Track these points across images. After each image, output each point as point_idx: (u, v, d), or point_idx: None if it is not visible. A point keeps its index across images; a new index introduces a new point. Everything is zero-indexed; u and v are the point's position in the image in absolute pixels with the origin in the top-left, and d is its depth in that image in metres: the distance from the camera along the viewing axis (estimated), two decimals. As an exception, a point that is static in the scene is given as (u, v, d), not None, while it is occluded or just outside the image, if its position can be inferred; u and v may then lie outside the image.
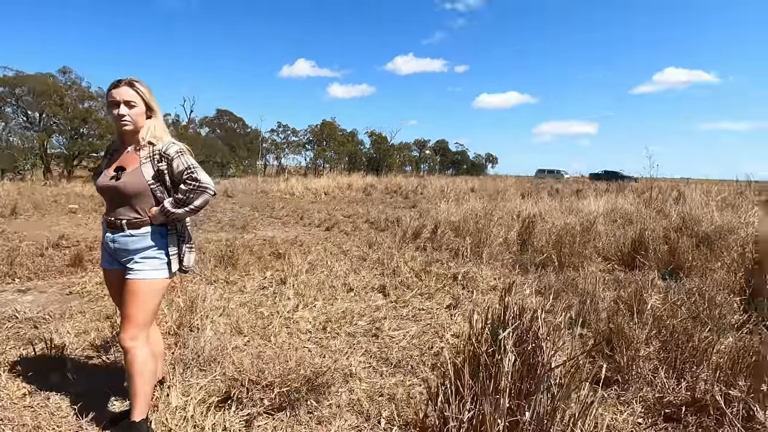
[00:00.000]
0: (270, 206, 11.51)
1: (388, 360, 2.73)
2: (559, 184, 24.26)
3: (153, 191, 1.83)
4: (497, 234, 6.09)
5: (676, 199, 12.77)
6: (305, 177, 22.93)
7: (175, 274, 1.92)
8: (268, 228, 8.09)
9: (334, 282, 4.27)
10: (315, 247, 6.14)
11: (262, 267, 4.87)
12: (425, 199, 14.93)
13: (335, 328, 3.20)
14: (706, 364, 2.38)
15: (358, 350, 2.85)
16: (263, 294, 3.99)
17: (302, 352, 2.74)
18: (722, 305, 3.39)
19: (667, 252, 5.14)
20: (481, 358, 1.28)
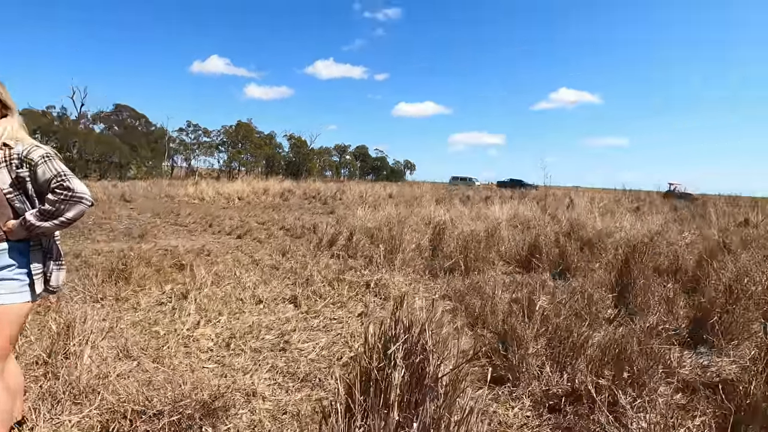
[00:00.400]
0: (175, 212, 10.64)
1: (296, 374, 2.66)
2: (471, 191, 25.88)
3: (10, 201, 1.58)
4: (411, 240, 6.29)
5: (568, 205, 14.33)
6: (218, 181, 21.62)
7: (40, 296, 1.67)
8: (172, 236, 7.46)
9: (242, 294, 4.06)
10: (224, 257, 5.79)
11: (161, 280, 4.47)
12: (344, 204, 14.93)
13: (240, 344, 3.03)
14: (583, 357, 2.67)
15: (263, 366, 2.73)
16: (160, 311, 3.66)
17: (201, 374, 2.55)
18: (598, 302, 3.86)
19: (558, 255, 5.72)
20: (372, 373, 1.30)
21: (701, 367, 2.97)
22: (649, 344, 2.51)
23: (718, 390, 2.40)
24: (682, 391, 2.53)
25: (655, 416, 2.08)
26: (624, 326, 3.50)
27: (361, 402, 1.26)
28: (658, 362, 2.58)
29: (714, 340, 3.21)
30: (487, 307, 3.44)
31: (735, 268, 5.45)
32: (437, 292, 4.48)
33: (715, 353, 3.17)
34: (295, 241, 7.30)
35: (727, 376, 2.71)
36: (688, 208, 15.89)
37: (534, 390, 2.51)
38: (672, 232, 9.09)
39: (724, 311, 3.41)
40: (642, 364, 2.40)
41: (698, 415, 2.12)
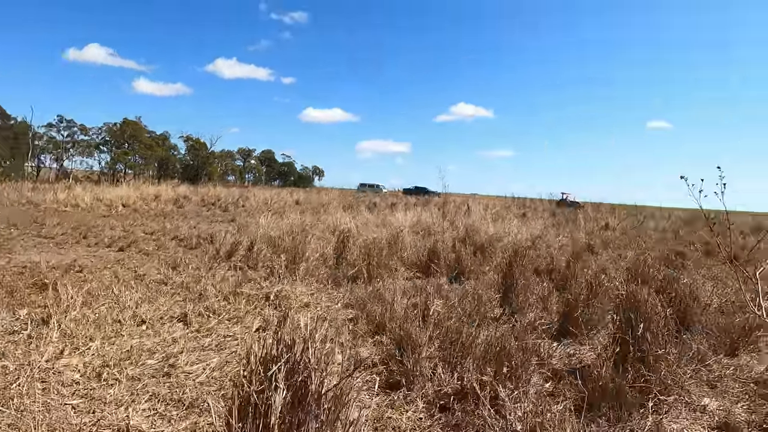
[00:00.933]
0: (39, 222, 9.13)
1: (181, 401, 2.44)
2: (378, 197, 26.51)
3: None
4: (315, 249, 6.22)
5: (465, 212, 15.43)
6: (97, 185, 19.10)
7: None
8: (33, 250, 6.38)
9: (120, 315, 3.62)
10: (100, 273, 5.12)
11: (15, 304, 3.79)
12: (246, 212, 14.23)
13: (114, 373, 2.69)
14: (471, 356, 2.88)
15: (141, 396, 2.46)
16: (11, 341, 3.09)
17: (60, 413, 2.20)
18: (486, 303, 4.20)
19: (454, 259, 6.11)
20: (251, 397, 1.25)
21: (567, 356, 3.39)
22: (525, 339, 2.80)
23: (580, 375, 2.76)
24: (551, 380, 2.86)
25: (528, 405, 2.32)
26: (507, 324, 3.86)
27: (239, 429, 1.19)
28: (533, 355, 2.89)
29: (578, 331, 3.69)
30: (386, 314, 3.53)
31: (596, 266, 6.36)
32: (340, 301, 4.48)
33: (578, 342, 3.66)
34: (189, 253, 6.74)
35: (587, 363, 3.14)
36: (563, 214, 18.14)
37: (427, 392, 2.63)
38: (550, 235, 10.33)
39: (585, 305, 3.95)
40: (519, 358, 2.66)
41: (561, 400, 2.41)
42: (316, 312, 4.14)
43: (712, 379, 3.12)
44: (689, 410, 2.69)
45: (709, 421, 2.59)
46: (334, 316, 4.00)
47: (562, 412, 2.11)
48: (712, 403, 2.78)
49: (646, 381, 2.65)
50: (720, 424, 2.54)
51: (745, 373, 3.27)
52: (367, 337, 3.49)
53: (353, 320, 3.88)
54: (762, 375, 3.21)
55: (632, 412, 2.49)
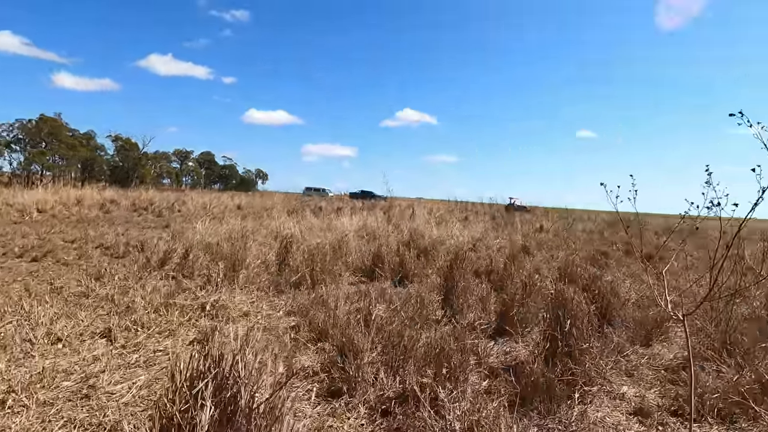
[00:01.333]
0: (-68, 230, 8.00)
1: (101, 425, 2.24)
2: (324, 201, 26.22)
3: None
4: (256, 255, 6.01)
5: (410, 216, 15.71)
6: (7, 187, 17.13)
7: None
8: (-77, 263, 5.57)
9: (30, 333, 3.26)
10: (8, 287, 4.58)
11: None
12: (183, 217, 13.46)
13: (22, 398, 2.41)
14: (412, 359, 2.92)
15: (55, 423, 2.22)
16: None
17: (-48, 448, 1.93)
18: (428, 305, 4.29)
19: (398, 263, 6.19)
20: (174, 418, 1.17)
21: (504, 354, 3.55)
22: (464, 340, 2.89)
23: (515, 372, 2.90)
24: (488, 378, 2.97)
25: (466, 404, 2.39)
26: (448, 326, 3.97)
27: None
28: (471, 355, 2.99)
29: (513, 330, 3.88)
30: (329, 321, 3.49)
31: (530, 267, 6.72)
32: (282, 308, 4.36)
33: (514, 341, 3.84)
34: (115, 262, 6.23)
35: (521, 359, 3.30)
36: (504, 218, 18.98)
37: (369, 397, 2.63)
38: (490, 238, 10.79)
39: (520, 304, 4.16)
40: (458, 359, 2.74)
41: (497, 397, 2.51)
42: (255, 321, 4.00)
43: (629, 368, 3.41)
44: (610, 398, 2.92)
45: (627, 407, 2.83)
46: (276, 324, 3.89)
47: (497, 408, 2.20)
48: (630, 391, 3.04)
49: (572, 374, 2.84)
50: (636, 409, 2.78)
51: (657, 361, 3.61)
52: (309, 345, 3.42)
53: (295, 328, 3.79)
54: (671, 362, 3.56)
55: (561, 404, 2.66)
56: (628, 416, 2.72)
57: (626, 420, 2.66)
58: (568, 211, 24.17)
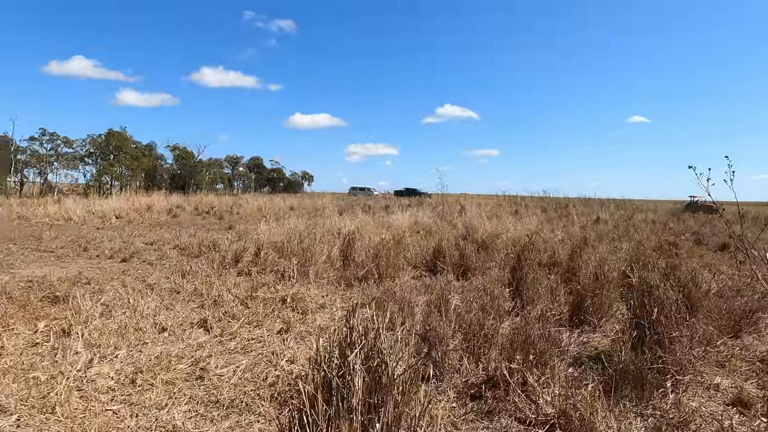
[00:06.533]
0: (35, 236, 9.00)
1: (219, 402, 2.49)
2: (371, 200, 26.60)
3: None
4: (321, 252, 6.27)
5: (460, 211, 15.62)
6: (86, 197, 18.82)
7: None
8: (34, 264, 6.31)
9: (140, 323, 3.64)
10: (109, 284, 5.10)
11: (31, 317, 3.78)
12: (242, 219, 14.18)
13: (148, 378, 2.72)
14: (495, 346, 2.98)
15: (180, 399, 2.50)
16: (36, 353, 3.10)
17: (105, 418, 2.24)
18: (498, 297, 4.31)
19: (458, 257, 6.23)
20: (333, 381, 1.32)
21: (582, 343, 3.52)
22: (547, 329, 2.91)
23: (599, 360, 2.88)
24: (573, 365, 2.97)
25: (558, 389, 2.42)
26: (520, 316, 3.98)
27: (325, 410, 1.26)
28: (554, 343, 3.00)
29: (590, 319, 3.82)
30: (405, 311, 3.62)
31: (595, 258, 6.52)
32: (354, 301, 4.55)
33: (590, 330, 3.79)
34: (193, 261, 6.73)
35: (603, 348, 3.27)
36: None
37: (456, 382, 2.72)
38: (546, 231, 10.53)
39: (593, 294, 4.09)
40: (542, 346, 2.77)
41: (589, 383, 2.52)
42: (331, 312, 4.21)
43: (720, 359, 3.28)
44: (704, 388, 2.83)
45: (723, 397, 2.73)
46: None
47: (592, 393, 2.22)
48: (724, 381, 2.93)
49: (663, 362, 2.78)
50: (734, 399, 2.68)
51: (751, 353, 3.43)
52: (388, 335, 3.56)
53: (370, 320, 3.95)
54: (767, 354, 3.37)
55: (653, 393, 2.62)
56: (725, 406, 2.63)
57: (724, 410, 2.58)
58: (625, 202, 22.98)
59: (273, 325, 3.75)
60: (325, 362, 1.38)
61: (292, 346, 3.29)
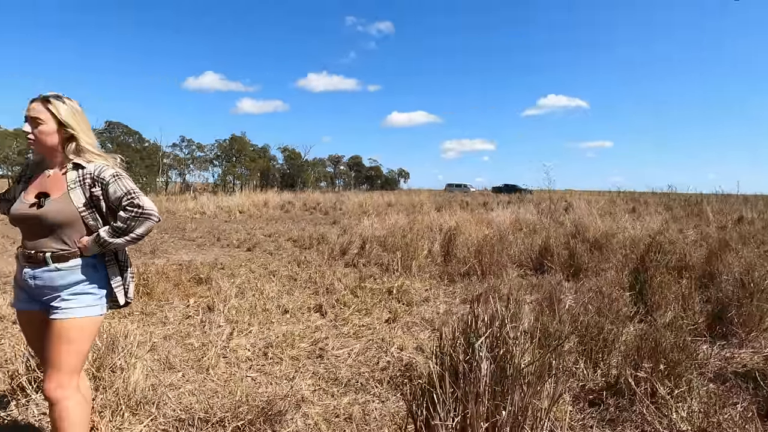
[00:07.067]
0: (180, 227, 10.64)
1: (338, 380, 2.72)
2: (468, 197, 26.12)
3: (84, 219, 1.64)
4: (422, 247, 6.38)
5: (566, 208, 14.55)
6: (215, 195, 21.59)
7: (125, 305, 1.75)
8: (182, 251, 7.48)
9: (267, 305, 4.11)
10: (238, 270, 5.83)
11: (183, 294, 4.50)
12: (345, 214, 15.00)
13: (277, 353, 3.08)
14: (616, 351, 2.77)
15: (305, 373, 2.79)
16: (189, 324, 3.70)
17: (246, 383, 2.60)
18: (617, 300, 3.96)
19: (568, 256, 5.84)
20: (459, 366, 1.38)
21: (725, 358, 3.07)
22: (681, 337, 2.61)
23: (751, 378, 2.50)
24: (714, 381, 2.62)
25: (696, 405, 2.17)
26: (645, 322, 3.61)
27: (453, 392, 1.33)
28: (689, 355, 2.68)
29: (735, 331, 3.32)
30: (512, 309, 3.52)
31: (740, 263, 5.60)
32: (457, 296, 4.56)
33: (736, 345, 3.29)
34: (305, 252, 7.34)
35: (755, 366, 2.82)
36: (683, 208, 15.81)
37: (572, 386, 2.59)
38: (672, 231, 9.29)
39: (740, 305, 3.53)
40: (675, 356, 2.49)
41: (738, 402, 2.21)
42: (436, 306, 4.27)
43: None
44: None
45: None
46: (456, 310, 4.09)
47: (743, 415, 1.95)
48: None
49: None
50: None
51: None
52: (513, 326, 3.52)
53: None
54: None
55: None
56: None
57: None
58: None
59: (381, 314, 3.95)
60: (450, 347, 1.45)
61: (399, 335, 3.43)
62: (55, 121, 1.63)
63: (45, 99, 1.63)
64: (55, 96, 1.65)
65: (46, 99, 1.63)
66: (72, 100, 1.69)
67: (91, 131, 1.76)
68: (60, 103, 1.64)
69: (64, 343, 1.58)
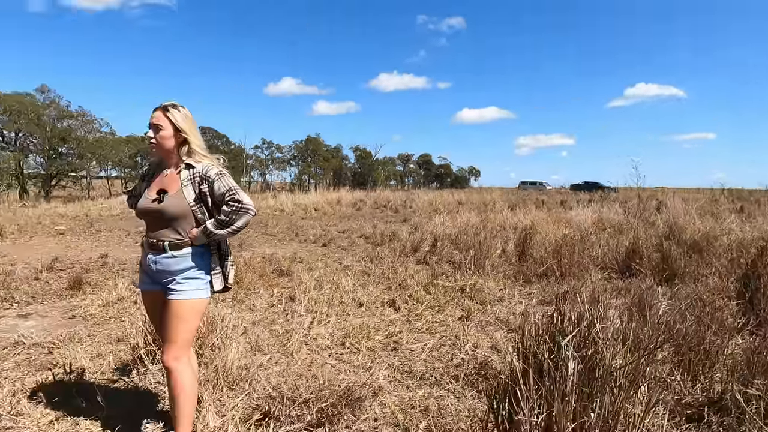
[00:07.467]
0: (263, 223, 11.45)
1: (412, 373, 2.77)
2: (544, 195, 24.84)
3: (194, 213, 1.86)
4: (495, 246, 6.22)
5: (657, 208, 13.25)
6: (292, 193, 22.87)
7: (223, 290, 1.96)
8: (265, 245, 8.05)
9: (343, 297, 4.29)
10: (315, 264, 6.14)
11: (267, 284, 4.86)
12: (415, 212, 15.07)
13: (354, 343, 3.22)
14: (719, 365, 2.50)
15: (380, 364, 2.88)
16: (274, 311, 3.99)
17: (326, 369, 2.75)
18: (722, 309, 3.55)
19: (660, 259, 5.33)
20: (544, 363, 1.35)
21: None
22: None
23: None
24: None
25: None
26: (756, 336, 3.20)
27: (537, 389, 1.32)
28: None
29: None
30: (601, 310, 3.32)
31: None
32: (534, 297, 4.39)
33: None
34: (377, 248, 7.52)
35: None
36: None
37: (665, 398, 2.39)
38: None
39: None
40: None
41: None
42: (510, 306, 4.16)
43: None
44: None
45: None
46: (533, 311, 3.95)
47: None
48: None
49: None
50: None
51: None
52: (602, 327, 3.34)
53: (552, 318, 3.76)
54: None
55: None
56: None
57: None
58: None
59: (454, 312, 3.94)
60: (534, 344, 1.42)
61: (473, 333, 3.40)
62: (172, 127, 1.87)
63: (164, 108, 1.87)
64: (172, 105, 1.89)
65: (165, 108, 1.87)
66: (184, 108, 1.93)
67: (199, 135, 1.98)
68: (176, 111, 1.88)
69: (178, 320, 1.81)
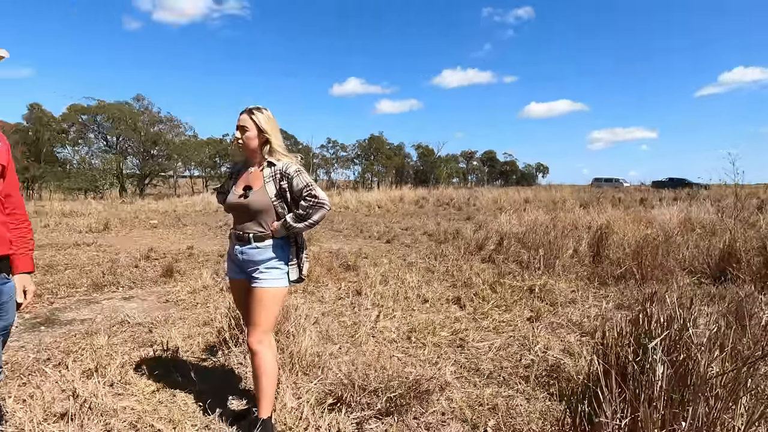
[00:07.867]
0: (329, 219, 11.87)
1: (479, 371, 2.75)
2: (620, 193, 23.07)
3: (275, 207, 2.00)
4: (566, 246, 5.92)
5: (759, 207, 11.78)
6: (356, 191, 23.42)
7: (298, 281, 2.09)
8: (331, 241, 8.35)
9: (408, 293, 4.34)
10: (380, 260, 6.26)
11: (335, 278, 5.05)
12: (478, 210, 14.75)
13: (420, 338, 3.25)
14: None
15: (446, 360, 2.89)
16: (341, 304, 4.14)
17: (393, 361, 2.82)
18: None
19: (762, 263, 4.75)
20: (628, 366, 1.29)
21: None
22: None
23: None
24: None
25: None
26: None
27: (621, 392, 1.26)
28: None
29: None
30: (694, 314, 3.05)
31: None
32: (611, 300, 4.13)
33: None
34: (440, 246, 7.48)
35: None
36: None
37: (770, 417, 2.14)
38: None
39: None
40: None
41: None
42: (583, 309, 3.95)
43: None
44: None
45: None
46: (609, 315, 3.72)
47: None
48: None
49: None
50: None
51: None
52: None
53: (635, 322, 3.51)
54: None
55: None
56: None
57: None
58: None
59: (522, 312, 3.83)
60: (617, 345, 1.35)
61: (543, 335, 3.28)
62: (257, 129, 2.03)
63: (249, 111, 2.04)
64: (256, 108, 2.05)
65: (250, 111, 2.04)
66: (267, 110, 2.08)
67: (280, 135, 2.13)
68: (259, 113, 2.03)
69: (261, 306, 1.96)
